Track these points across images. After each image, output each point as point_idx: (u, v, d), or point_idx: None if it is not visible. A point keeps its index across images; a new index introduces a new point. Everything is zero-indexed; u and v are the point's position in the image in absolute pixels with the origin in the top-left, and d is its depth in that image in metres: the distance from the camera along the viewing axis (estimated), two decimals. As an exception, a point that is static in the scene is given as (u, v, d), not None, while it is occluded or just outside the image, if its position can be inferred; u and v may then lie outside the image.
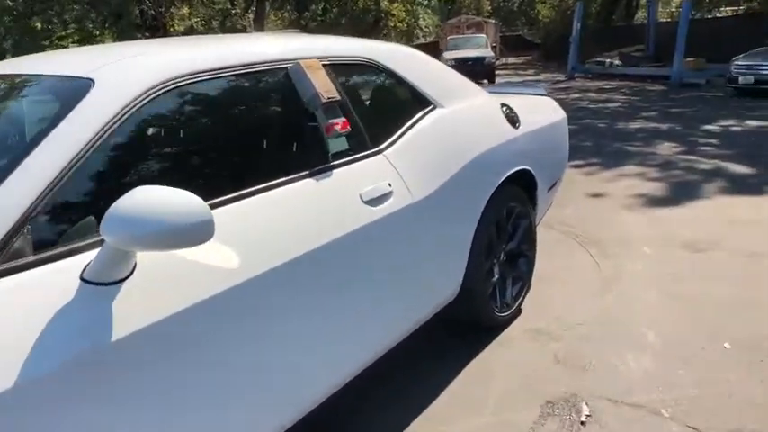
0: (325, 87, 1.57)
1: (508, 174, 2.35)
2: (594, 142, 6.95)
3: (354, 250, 1.54)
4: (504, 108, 2.47)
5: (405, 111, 2.01)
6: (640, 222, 3.90)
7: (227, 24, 22.87)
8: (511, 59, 26.63)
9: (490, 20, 26.21)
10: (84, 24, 18.85)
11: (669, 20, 22.22)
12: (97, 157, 1.16)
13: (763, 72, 10.13)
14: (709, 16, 20.36)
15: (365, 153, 1.74)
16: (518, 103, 2.66)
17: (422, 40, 35.50)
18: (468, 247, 2.18)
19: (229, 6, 23.54)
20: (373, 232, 1.60)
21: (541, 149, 2.72)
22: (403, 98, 2.05)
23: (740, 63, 10.64)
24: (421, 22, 38.10)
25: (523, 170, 2.51)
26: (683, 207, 4.19)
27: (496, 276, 2.48)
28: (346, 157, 1.66)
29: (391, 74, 1.99)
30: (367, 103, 2.07)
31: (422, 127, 1.98)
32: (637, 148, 6.48)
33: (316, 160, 1.56)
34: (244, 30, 21.12)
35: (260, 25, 19.88)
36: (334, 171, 1.58)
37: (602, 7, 21.94)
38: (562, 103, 9.76)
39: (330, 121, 1.56)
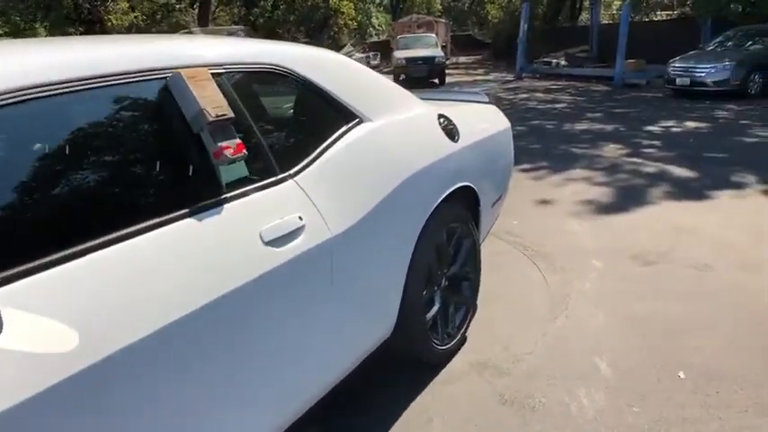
0: (213, 103, 1.27)
1: (447, 193, 2.11)
2: (543, 144, 6.88)
3: (251, 304, 1.25)
4: (442, 120, 2.23)
5: (324, 126, 1.73)
6: (589, 231, 3.76)
7: (172, 20, 21.94)
8: (462, 59, 26.76)
9: (441, 19, 26.24)
10: (11, 17, 17.61)
11: (611, 22, 22.83)
12: None
13: (698, 74, 10.42)
14: (646, 19, 21.01)
15: (270, 180, 1.44)
16: (458, 112, 2.43)
17: (375, 38, 35.27)
18: (402, 279, 1.93)
19: (173, 1, 22.60)
20: (277, 279, 1.31)
21: (484, 163, 2.50)
22: (322, 112, 1.77)
23: (677, 65, 10.91)
24: (374, 20, 37.86)
25: (465, 187, 2.28)
26: (630, 214, 4.09)
27: (437, 306, 2.24)
28: (244, 186, 1.36)
29: (307, 83, 1.70)
30: (278, 119, 1.77)
31: (344, 145, 1.70)
32: (583, 150, 6.43)
33: (200, 194, 1.25)
34: (187, 26, 20.30)
35: (204, 21, 19.15)
36: (226, 206, 1.28)
37: (548, 8, 22.30)
38: (511, 103, 9.54)
39: (219, 144, 1.26)
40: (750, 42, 10.94)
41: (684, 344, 2.34)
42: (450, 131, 2.23)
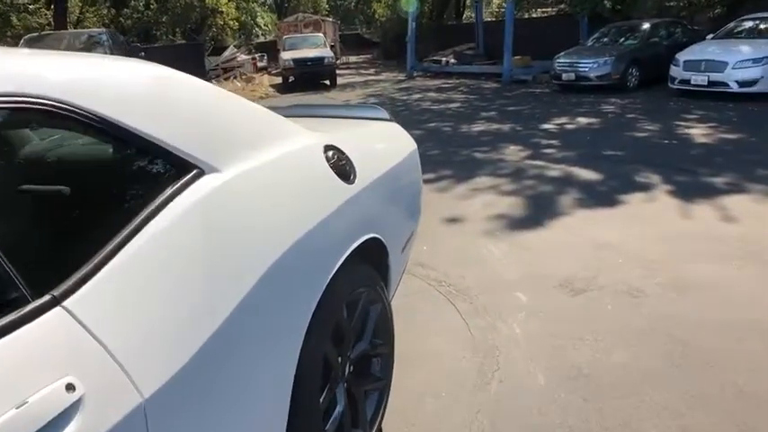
0: None
1: (344, 258, 1.52)
2: (442, 149, 6.52)
3: None
4: (332, 153, 1.62)
5: (130, 194, 1.06)
6: (506, 255, 3.35)
7: (27, 21, 19.29)
8: (352, 58, 26.33)
9: (328, 18, 25.58)
10: None
11: (494, 19, 23.55)
12: None
13: (582, 69, 10.73)
14: (527, 16, 21.88)
15: (11, 319, 0.77)
16: (352, 139, 1.85)
17: (262, 39, 33.84)
18: (286, 396, 1.31)
19: (26, 2, 19.92)
20: None
21: (390, 202, 1.94)
22: (128, 168, 1.10)
23: (562, 60, 11.18)
24: (259, 20, 36.30)
25: (369, 239, 1.70)
26: (546, 229, 3.76)
27: (341, 406, 1.64)
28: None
29: (99, 124, 1.02)
30: (36, 194, 1.06)
31: (167, 222, 1.03)
32: (485, 155, 6.14)
33: None
34: (42, 28, 17.92)
35: (62, 23, 16.92)
36: None
37: (433, 6, 22.48)
38: (405, 105, 9.04)
39: None
40: (623, 38, 11.48)
41: (637, 414, 1.93)
42: (344, 169, 1.63)
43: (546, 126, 7.62)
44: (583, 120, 7.91)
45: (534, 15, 22.55)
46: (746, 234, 3.38)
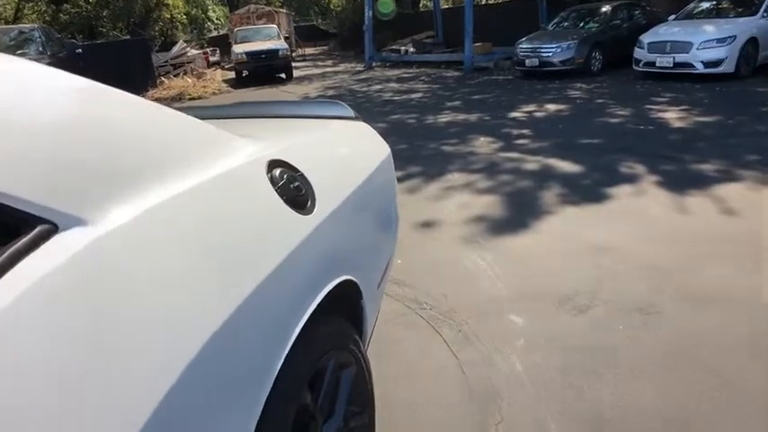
0: None
1: (303, 320, 1.06)
2: (409, 143, 6.08)
3: None
4: (280, 173, 1.14)
5: None
6: (493, 267, 2.94)
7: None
8: (308, 50, 25.59)
9: (282, 9, 24.67)
10: None
11: (451, 6, 23.20)
12: None
13: (545, 54, 10.46)
14: (485, 1, 21.63)
15: None
16: (308, 147, 1.38)
17: (215, 33, 32.55)
18: None
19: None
20: None
21: (363, 226, 1.48)
22: None
23: (524, 46, 10.88)
24: (211, 13, 34.92)
25: (338, 284, 1.24)
26: (532, 232, 3.37)
27: None
28: None
29: None
30: None
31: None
32: (454, 148, 5.74)
33: None
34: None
35: None
36: None
37: (389, -6, 21.92)
38: (366, 96, 8.45)
39: None
40: (584, 22, 11.27)
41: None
42: (297, 193, 1.16)
43: (514, 114, 7.28)
44: (551, 107, 7.60)
45: (492, 1, 22.31)
46: (751, 229, 3.07)
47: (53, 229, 0.70)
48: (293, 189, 1.14)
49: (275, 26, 16.87)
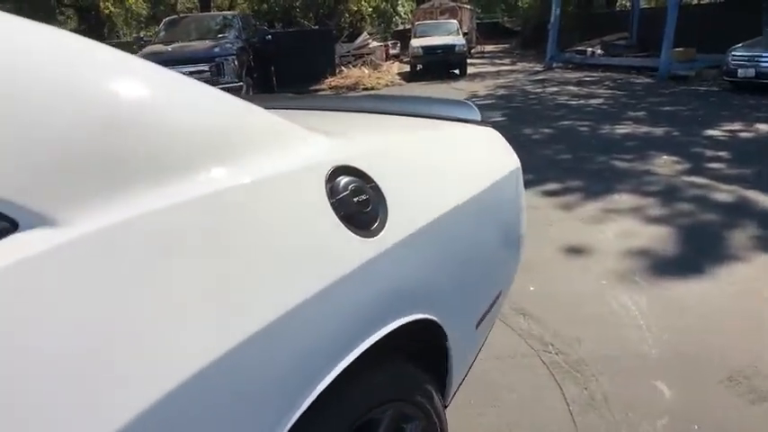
0: None
1: (343, 365, 0.84)
2: (574, 154, 5.49)
3: None
4: (344, 184, 0.92)
5: None
6: (647, 315, 2.42)
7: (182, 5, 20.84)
8: (488, 47, 25.12)
9: (466, 5, 24.49)
10: None
11: (653, 6, 20.90)
12: None
13: (764, 64, 8.77)
14: (695, 2, 19.07)
15: None
16: (397, 152, 1.14)
17: (401, 27, 33.74)
18: None
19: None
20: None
21: (458, 257, 1.20)
22: None
23: (739, 54, 9.25)
24: (400, 8, 36.23)
25: (411, 322, 1.01)
26: (707, 279, 2.72)
27: None
28: None
29: None
30: None
31: None
32: (627, 164, 5.02)
33: None
34: (190, 11, 19.15)
35: (206, 6, 17.68)
36: None
37: (583, -8, 20.47)
38: (538, 98, 7.80)
39: None
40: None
41: None
42: (362, 210, 0.93)
43: (711, 132, 6.18)
44: (763, 127, 6.31)
45: (704, 1, 19.57)
46: None
47: (10, 228, 0.57)
48: (356, 204, 0.91)
49: (456, 22, 16.73)
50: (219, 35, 9.97)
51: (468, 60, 15.47)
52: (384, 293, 0.95)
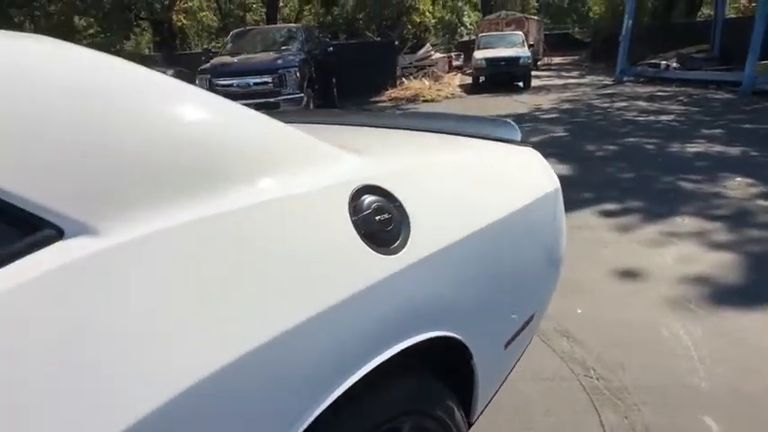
0: None
1: (357, 375, 0.87)
2: (637, 172, 5.28)
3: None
4: (368, 203, 0.96)
5: None
6: (699, 344, 2.30)
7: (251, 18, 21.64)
8: (556, 59, 24.63)
9: (534, 16, 24.12)
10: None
11: (739, 15, 19.74)
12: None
13: None
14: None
15: None
16: (425, 171, 1.17)
17: (465, 38, 33.71)
18: None
19: (252, 1, 22.26)
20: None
21: (485, 278, 1.22)
22: None
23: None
24: (465, 19, 36.17)
25: (432, 339, 1.04)
26: (773, 312, 2.56)
27: None
28: None
29: None
30: None
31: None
32: (695, 185, 4.78)
33: None
34: (258, 24, 19.92)
35: (273, 19, 18.12)
36: None
37: (659, 2, 19.63)
38: (604, 113, 7.60)
39: None
40: None
41: None
42: (384, 228, 0.96)
43: (795, 154, 5.78)
44: None
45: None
46: None
47: (56, 235, 0.66)
48: (379, 222, 0.96)
49: (521, 33, 16.51)
50: (283, 47, 10.31)
51: (534, 73, 15.24)
52: (402, 309, 0.98)
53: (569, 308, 2.66)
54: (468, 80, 15.39)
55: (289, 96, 9.14)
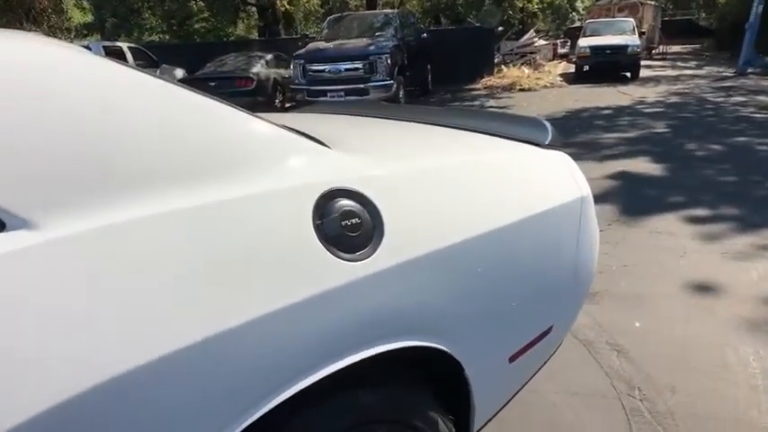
0: None
1: (307, 380, 0.88)
2: (740, 176, 4.77)
3: None
4: (337, 206, 0.93)
5: None
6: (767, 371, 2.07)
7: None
8: (675, 48, 22.70)
9: (650, 1, 22.26)
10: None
11: None
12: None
13: None
14: None
15: None
16: (418, 173, 1.15)
17: (577, 24, 32.07)
18: None
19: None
20: None
21: (480, 288, 1.17)
22: None
23: None
24: (578, 4, 34.30)
25: (418, 348, 1.03)
26: None
27: None
28: None
29: None
30: None
31: None
32: (810, 195, 4.23)
33: None
34: (357, 9, 20.18)
35: (372, 5, 18.23)
36: None
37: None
38: (716, 109, 7.06)
39: None
40: None
41: None
42: (350, 233, 0.94)
43: None
44: None
45: None
46: None
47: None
48: (345, 227, 0.95)
49: (631, 20, 15.32)
50: (377, 33, 10.34)
51: (646, 62, 14.21)
52: (369, 316, 0.97)
53: (627, 321, 2.49)
54: (572, 69, 14.63)
55: (378, 83, 9.19)
